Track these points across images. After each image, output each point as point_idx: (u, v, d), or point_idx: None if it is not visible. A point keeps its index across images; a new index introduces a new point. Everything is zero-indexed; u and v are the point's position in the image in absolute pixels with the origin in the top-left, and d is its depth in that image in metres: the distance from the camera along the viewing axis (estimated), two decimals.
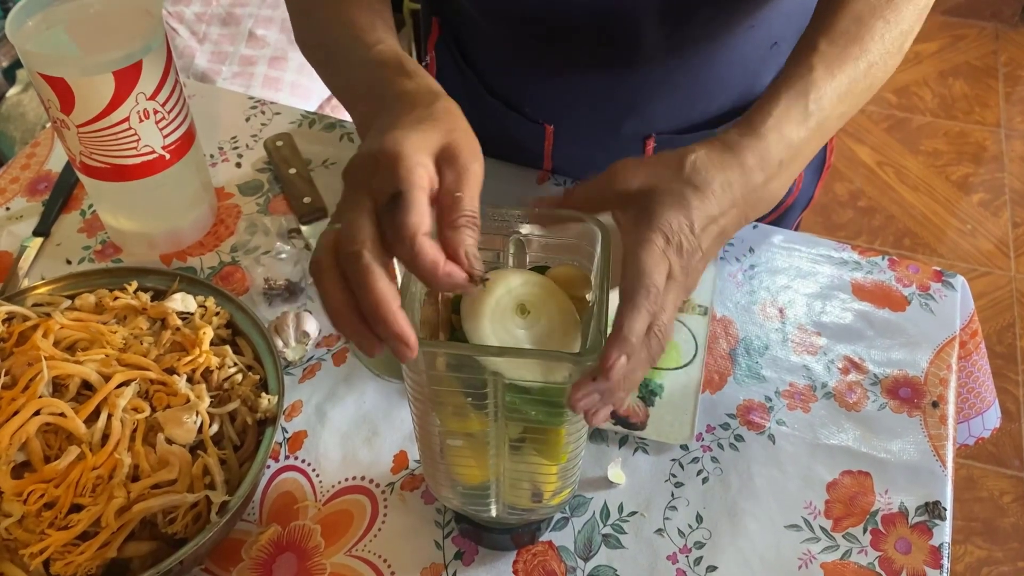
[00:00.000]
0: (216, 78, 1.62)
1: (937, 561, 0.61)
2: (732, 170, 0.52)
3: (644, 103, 0.79)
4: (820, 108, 0.56)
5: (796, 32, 0.62)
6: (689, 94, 0.79)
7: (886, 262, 0.80)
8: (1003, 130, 2.46)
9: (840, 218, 2.21)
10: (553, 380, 0.44)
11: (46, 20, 0.70)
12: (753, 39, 0.75)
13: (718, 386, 0.71)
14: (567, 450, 0.50)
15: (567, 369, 0.44)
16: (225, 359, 0.63)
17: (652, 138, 0.81)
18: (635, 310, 0.46)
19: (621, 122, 0.80)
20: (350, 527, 0.63)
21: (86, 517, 0.54)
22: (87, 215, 0.84)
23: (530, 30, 0.76)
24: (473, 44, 0.83)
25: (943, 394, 0.71)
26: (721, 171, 0.52)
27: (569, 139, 0.84)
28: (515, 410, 0.46)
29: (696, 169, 0.51)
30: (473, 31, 0.82)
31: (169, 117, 0.72)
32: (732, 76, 0.78)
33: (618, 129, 0.81)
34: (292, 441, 0.67)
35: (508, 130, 0.85)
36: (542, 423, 0.47)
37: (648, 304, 0.46)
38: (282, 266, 0.79)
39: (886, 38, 0.59)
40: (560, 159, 0.87)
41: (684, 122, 0.81)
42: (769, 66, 0.79)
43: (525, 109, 0.83)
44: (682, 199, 0.50)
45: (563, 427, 0.48)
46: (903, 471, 0.66)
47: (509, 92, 0.83)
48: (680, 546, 0.62)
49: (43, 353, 0.59)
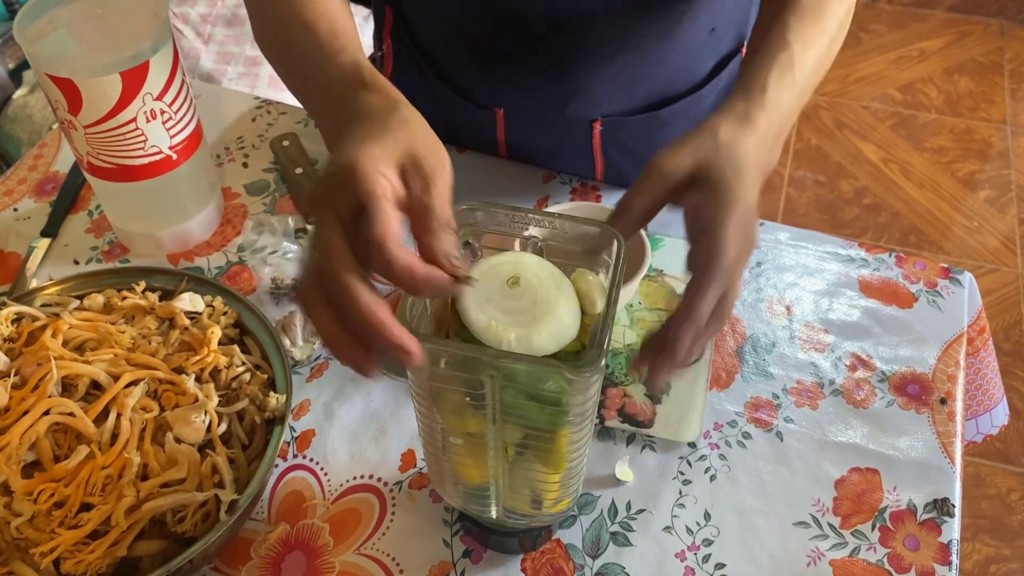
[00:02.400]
0: (221, 79, 1.63)
1: (946, 558, 0.61)
2: (750, 138, 0.53)
3: (589, 88, 0.80)
4: (803, 78, 0.58)
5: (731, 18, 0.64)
6: (633, 78, 0.81)
7: (893, 259, 0.80)
8: (1009, 126, 2.45)
9: (846, 215, 2.20)
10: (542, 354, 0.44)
11: (53, 21, 0.70)
12: (693, 26, 0.77)
13: (725, 384, 0.71)
14: (567, 459, 0.49)
15: (564, 374, 0.43)
16: (233, 358, 0.64)
17: (599, 121, 0.83)
18: (708, 288, 0.47)
19: (567, 106, 0.82)
20: (358, 525, 0.63)
21: (96, 516, 0.54)
22: (94, 216, 0.84)
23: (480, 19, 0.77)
24: (424, 32, 0.85)
25: (951, 391, 0.71)
26: (745, 139, 0.53)
27: (519, 123, 0.85)
28: (514, 412, 0.46)
29: (730, 142, 0.52)
30: (423, 19, 0.84)
31: (176, 117, 0.72)
32: (673, 61, 0.80)
33: (564, 112, 0.82)
34: (300, 440, 0.67)
35: (462, 116, 0.86)
36: (541, 427, 0.47)
37: (719, 284, 0.48)
38: (289, 266, 0.79)
39: (838, 14, 0.63)
40: (514, 147, 0.88)
41: (628, 106, 0.83)
42: (707, 51, 0.82)
43: (475, 95, 0.84)
44: (741, 169, 0.51)
45: (563, 433, 0.47)
46: (911, 468, 0.66)
47: (459, 78, 0.85)
48: (688, 544, 0.62)
49: (52, 353, 0.60)
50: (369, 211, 0.42)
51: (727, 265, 0.48)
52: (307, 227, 0.82)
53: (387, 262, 0.42)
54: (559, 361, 0.45)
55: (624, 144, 0.86)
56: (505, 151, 0.89)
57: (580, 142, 0.85)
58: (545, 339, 0.45)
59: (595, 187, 0.87)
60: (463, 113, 0.86)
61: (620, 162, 0.87)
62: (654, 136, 0.85)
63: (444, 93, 0.86)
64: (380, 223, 0.42)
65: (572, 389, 0.44)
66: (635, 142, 0.85)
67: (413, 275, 0.42)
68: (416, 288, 0.42)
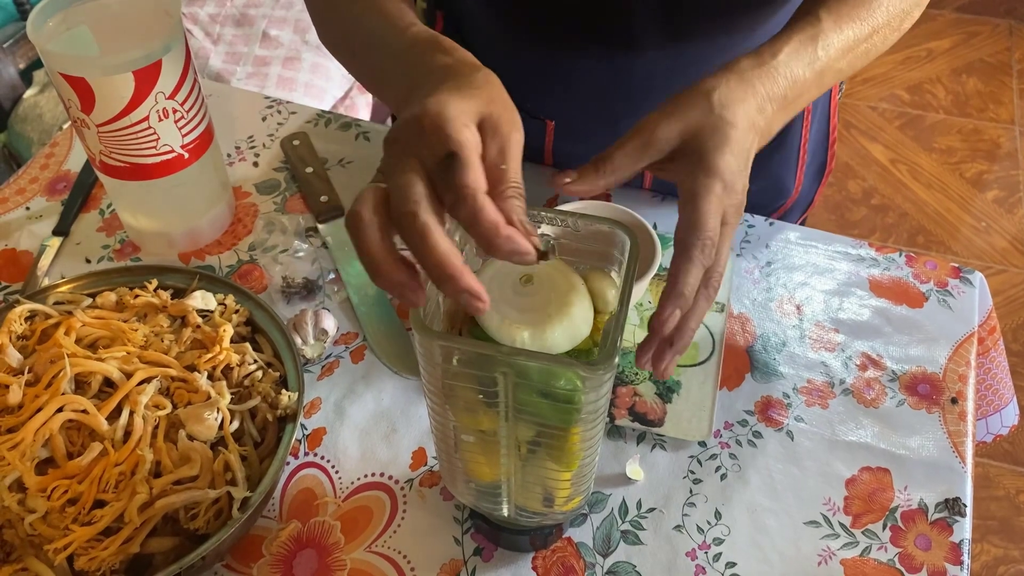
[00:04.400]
0: (230, 79, 1.63)
1: (958, 558, 0.61)
2: (749, 101, 0.53)
3: (641, 99, 0.79)
4: (827, 55, 0.57)
5: None
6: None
7: (903, 259, 0.80)
8: (1017, 127, 2.45)
9: (854, 216, 2.20)
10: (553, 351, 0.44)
11: (66, 20, 0.70)
12: (752, 38, 0.76)
13: (736, 383, 0.71)
14: (579, 457, 0.49)
15: (578, 372, 0.43)
16: (245, 356, 0.64)
17: None
18: (690, 263, 0.47)
19: (619, 118, 0.81)
20: (369, 523, 0.63)
21: (109, 513, 0.54)
22: (106, 214, 0.85)
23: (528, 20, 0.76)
24: (475, 40, 0.84)
25: (962, 390, 0.71)
26: (743, 102, 0.53)
27: (569, 135, 0.85)
28: (527, 410, 0.46)
29: (724, 104, 0.52)
30: (474, 26, 0.83)
31: (188, 116, 0.73)
32: None
33: (616, 125, 0.81)
34: (311, 438, 0.68)
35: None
36: (553, 425, 0.47)
37: (703, 258, 0.47)
38: (300, 264, 0.79)
39: (890, 9, 0.61)
40: (560, 155, 0.87)
41: None
42: None
43: (526, 105, 0.84)
44: (726, 137, 0.51)
45: (575, 431, 0.47)
46: (922, 468, 0.66)
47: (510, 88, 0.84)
48: (699, 542, 0.62)
49: (66, 351, 0.60)
50: (462, 160, 0.42)
51: (707, 240, 0.48)
52: (317, 226, 0.82)
53: (476, 211, 0.40)
54: (577, 360, 0.45)
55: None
56: (551, 159, 0.88)
57: None
58: (558, 337, 0.45)
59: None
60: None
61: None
62: None
63: None
64: (474, 173, 0.41)
65: (585, 387, 0.44)
66: None
67: (498, 230, 0.40)
68: (496, 244, 0.40)
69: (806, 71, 0.56)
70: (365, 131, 0.92)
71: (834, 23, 0.58)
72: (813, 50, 0.57)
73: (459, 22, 0.85)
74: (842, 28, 0.58)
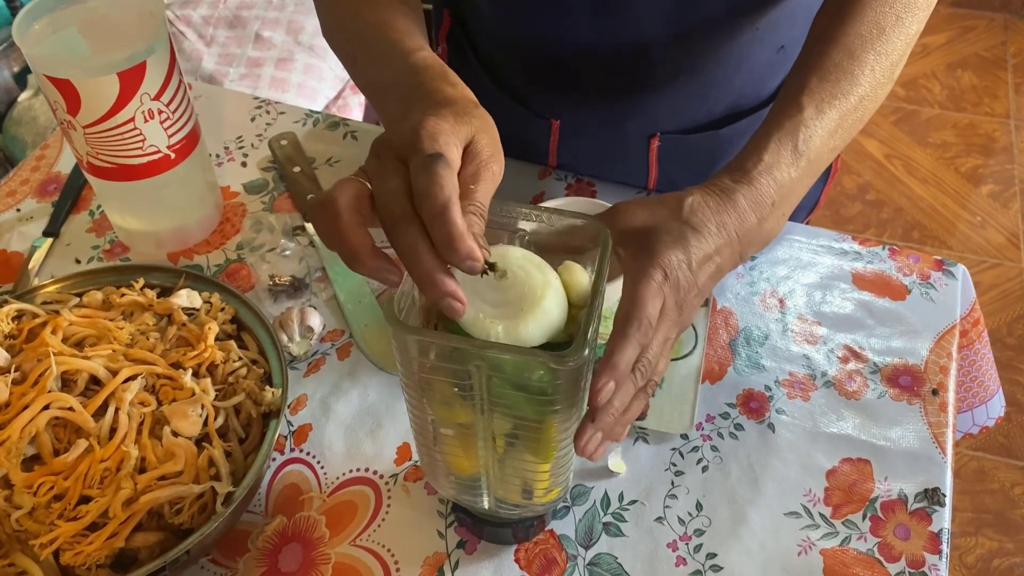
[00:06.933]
0: (223, 80, 1.64)
1: (936, 547, 0.62)
2: (727, 212, 0.54)
3: (649, 103, 0.79)
4: (810, 148, 0.56)
5: (803, 35, 0.62)
6: (695, 96, 0.79)
7: (886, 252, 0.80)
8: (1012, 121, 2.45)
9: (849, 211, 2.20)
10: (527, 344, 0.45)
11: (52, 23, 0.71)
12: (759, 44, 0.75)
13: (718, 376, 0.72)
14: (556, 449, 0.50)
15: (548, 364, 0.44)
16: (230, 354, 0.64)
17: (656, 137, 0.82)
18: (625, 339, 0.48)
19: (626, 120, 0.81)
20: (354, 517, 0.64)
21: (94, 508, 0.55)
22: (96, 215, 0.85)
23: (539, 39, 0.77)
24: (482, 40, 0.84)
25: (943, 382, 0.71)
26: (716, 213, 0.54)
27: (574, 135, 0.85)
28: (501, 403, 0.47)
29: (693, 210, 0.53)
30: (482, 28, 0.83)
31: (174, 117, 0.73)
32: (738, 79, 0.79)
33: (623, 127, 0.82)
34: (297, 434, 0.68)
35: (514, 124, 0.85)
36: (528, 417, 0.48)
37: (639, 336, 0.48)
38: (287, 263, 0.80)
39: (876, 70, 0.59)
40: (565, 155, 0.87)
41: (689, 123, 0.82)
42: (776, 70, 0.80)
43: (532, 104, 0.84)
44: (681, 238, 0.52)
45: (551, 423, 0.48)
46: (903, 458, 0.66)
47: (516, 87, 0.84)
48: (680, 534, 0.63)
49: (52, 349, 0.60)
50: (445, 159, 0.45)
51: (643, 320, 0.48)
52: (304, 225, 0.83)
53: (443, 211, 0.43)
54: (545, 352, 0.45)
55: (682, 158, 0.84)
56: (555, 160, 0.88)
57: (636, 155, 0.84)
58: (532, 331, 0.46)
59: (590, 182, 0.87)
60: (517, 120, 0.84)
61: (676, 173, 0.85)
62: (714, 151, 0.83)
63: (500, 99, 0.85)
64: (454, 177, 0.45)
65: (557, 378, 0.44)
66: (694, 156, 0.83)
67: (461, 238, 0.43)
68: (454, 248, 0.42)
69: (791, 171, 0.56)
70: (353, 130, 0.93)
71: (816, 109, 0.57)
72: (793, 147, 0.56)
73: (466, 22, 0.85)
74: (824, 112, 0.57)
